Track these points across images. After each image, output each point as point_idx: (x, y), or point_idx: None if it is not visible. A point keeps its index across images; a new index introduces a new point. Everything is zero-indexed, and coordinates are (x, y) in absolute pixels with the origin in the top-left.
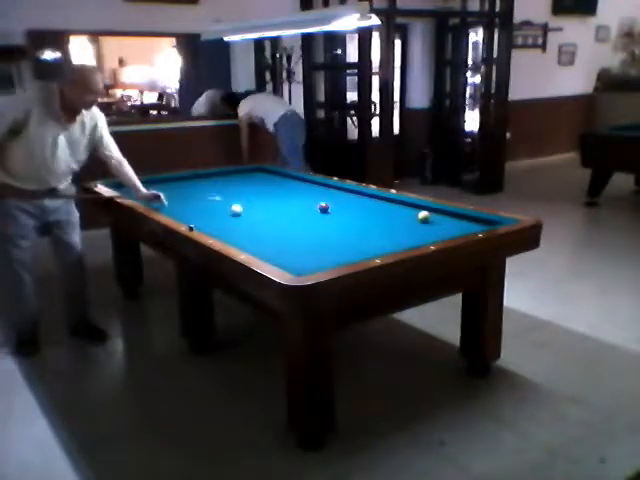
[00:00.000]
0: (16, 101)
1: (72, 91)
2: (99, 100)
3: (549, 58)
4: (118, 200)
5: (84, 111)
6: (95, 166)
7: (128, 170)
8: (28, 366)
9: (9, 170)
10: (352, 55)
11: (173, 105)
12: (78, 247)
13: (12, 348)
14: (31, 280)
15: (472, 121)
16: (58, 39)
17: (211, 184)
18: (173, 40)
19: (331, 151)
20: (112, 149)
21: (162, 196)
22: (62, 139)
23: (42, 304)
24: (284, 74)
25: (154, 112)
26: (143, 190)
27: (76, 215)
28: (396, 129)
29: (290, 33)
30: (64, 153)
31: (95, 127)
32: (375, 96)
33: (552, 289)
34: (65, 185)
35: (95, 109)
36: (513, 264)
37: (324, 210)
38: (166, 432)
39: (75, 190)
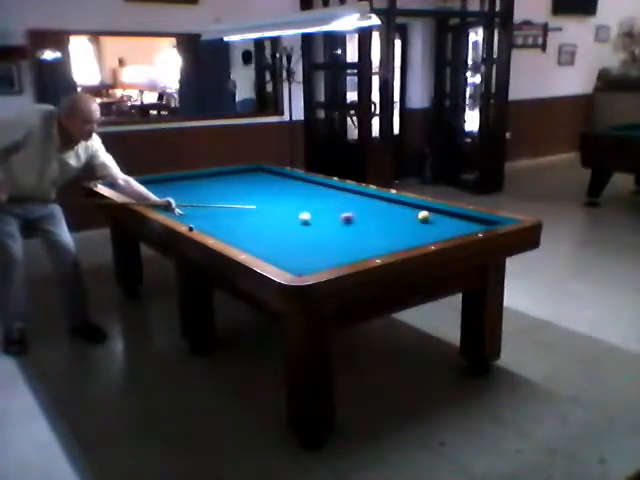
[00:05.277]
0: (19, 120)
1: (69, 122)
2: (96, 128)
3: (549, 58)
4: (117, 200)
5: (81, 142)
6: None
7: (136, 185)
8: (28, 366)
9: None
10: (352, 55)
11: (173, 105)
12: (71, 247)
13: (1, 347)
14: (22, 279)
15: (472, 121)
16: (58, 39)
17: (211, 184)
18: (173, 40)
19: (331, 151)
20: (115, 171)
21: (173, 203)
22: (54, 165)
23: (41, 303)
24: (284, 74)
25: (154, 112)
26: (155, 198)
27: (58, 210)
28: (396, 129)
29: (290, 33)
30: (53, 176)
31: (92, 156)
32: (375, 96)
33: (552, 289)
34: (50, 197)
35: (90, 142)
36: (513, 264)
37: (348, 220)
38: (166, 432)
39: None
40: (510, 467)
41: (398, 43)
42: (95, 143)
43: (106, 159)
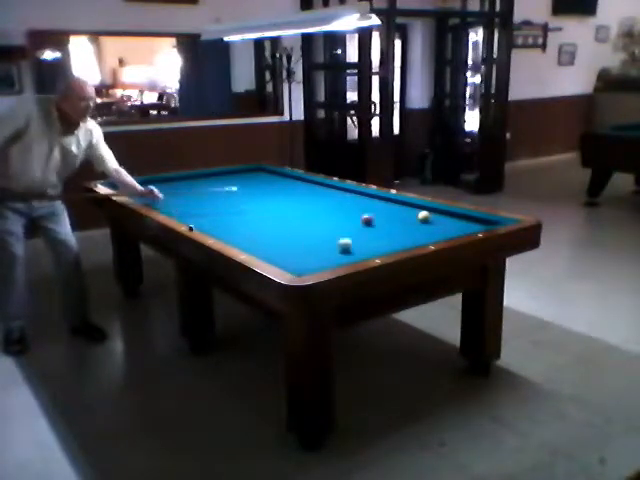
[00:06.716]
0: (17, 108)
1: (65, 102)
2: (92, 104)
3: (549, 58)
4: (117, 200)
5: (80, 125)
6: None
7: (126, 176)
8: (28, 366)
9: (3, 172)
10: (352, 55)
11: (173, 105)
12: (72, 246)
13: (1, 347)
14: (22, 278)
15: (472, 121)
16: (58, 39)
17: (211, 184)
18: (173, 40)
19: (331, 151)
20: (112, 163)
21: (155, 191)
22: (57, 151)
23: (41, 303)
24: (284, 74)
25: (154, 112)
26: (140, 188)
27: (62, 208)
28: (396, 129)
29: (290, 33)
30: (56, 164)
31: (90, 145)
32: (375, 96)
33: (552, 289)
34: (54, 191)
35: (90, 123)
36: (513, 264)
37: (368, 222)
38: (166, 432)
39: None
40: (510, 467)
41: (398, 43)
42: (95, 132)
43: (106, 153)
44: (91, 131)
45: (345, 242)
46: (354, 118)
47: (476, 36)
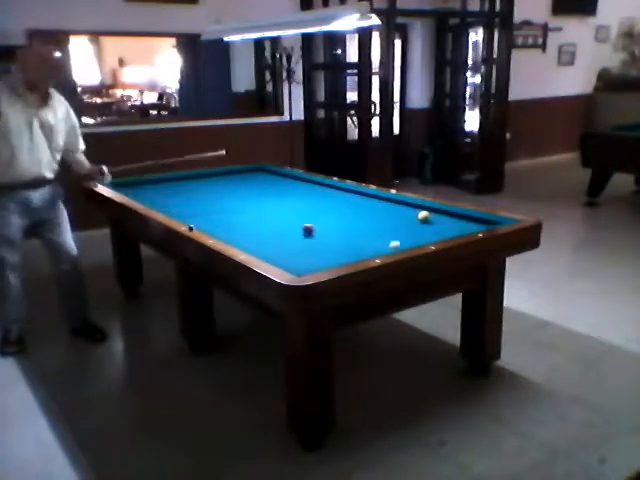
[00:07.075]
0: None
1: (27, 69)
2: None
3: (549, 58)
4: (117, 200)
5: (52, 96)
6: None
7: (85, 159)
8: (27, 366)
9: None
10: (352, 55)
11: (173, 105)
12: (71, 248)
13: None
14: (19, 281)
15: (472, 121)
16: (58, 39)
17: (212, 184)
18: (173, 40)
19: (331, 151)
20: (82, 143)
21: (105, 169)
22: (36, 125)
23: (41, 303)
24: (284, 74)
25: (154, 112)
26: (88, 165)
27: (64, 214)
28: (396, 129)
29: (290, 33)
30: (41, 139)
31: (67, 115)
32: (375, 96)
33: (552, 289)
34: (52, 176)
35: (62, 98)
36: (513, 264)
37: (308, 232)
38: (166, 432)
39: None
40: (510, 467)
41: (398, 43)
42: (69, 107)
43: (77, 124)
44: (65, 104)
45: (395, 245)
46: (354, 118)
47: (476, 36)
